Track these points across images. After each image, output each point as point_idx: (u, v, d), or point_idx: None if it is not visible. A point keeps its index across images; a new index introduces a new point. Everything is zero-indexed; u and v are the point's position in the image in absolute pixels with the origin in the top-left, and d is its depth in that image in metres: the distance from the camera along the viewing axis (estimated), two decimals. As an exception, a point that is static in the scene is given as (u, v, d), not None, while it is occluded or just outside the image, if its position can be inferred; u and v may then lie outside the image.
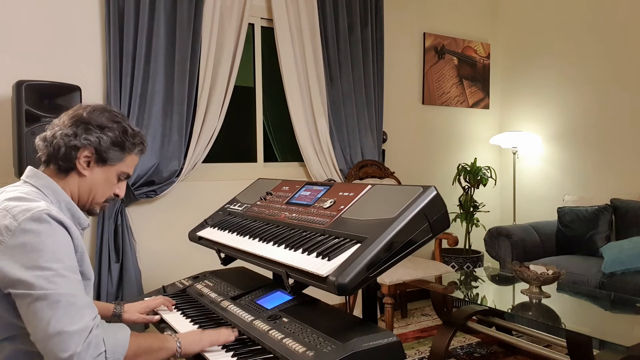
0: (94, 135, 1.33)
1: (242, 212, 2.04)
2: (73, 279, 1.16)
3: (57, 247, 1.16)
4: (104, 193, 1.40)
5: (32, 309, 1.11)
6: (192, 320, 1.66)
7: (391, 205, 1.40)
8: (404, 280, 3.08)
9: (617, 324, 2.33)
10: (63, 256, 1.16)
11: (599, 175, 4.07)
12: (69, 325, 1.10)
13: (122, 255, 2.90)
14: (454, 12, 4.56)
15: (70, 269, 1.17)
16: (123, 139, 1.37)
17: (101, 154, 1.34)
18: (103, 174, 1.37)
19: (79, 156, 1.33)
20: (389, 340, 1.27)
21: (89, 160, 1.34)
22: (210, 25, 3.18)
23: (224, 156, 3.57)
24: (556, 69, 4.36)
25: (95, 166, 1.36)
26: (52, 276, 1.12)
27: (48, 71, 2.79)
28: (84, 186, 1.36)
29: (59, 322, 1.10)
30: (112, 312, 1.69)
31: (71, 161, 1.32)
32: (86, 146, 1.32)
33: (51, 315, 1.10)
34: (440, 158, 4.51)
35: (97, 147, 1.33)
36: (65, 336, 1.09)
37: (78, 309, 1.13)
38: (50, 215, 1.17)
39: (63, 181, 1.34)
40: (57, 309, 1.10)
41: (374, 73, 3.86)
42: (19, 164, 2.39)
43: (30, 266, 1.12)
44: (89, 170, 1.35)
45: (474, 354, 3.07)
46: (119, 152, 1.37)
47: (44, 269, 1.12)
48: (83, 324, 1.12)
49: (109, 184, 1.40)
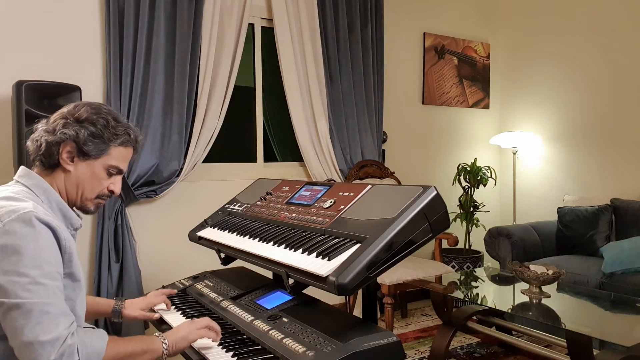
0: (72, 128, 1.31)
1: (242, 212, 2.04)
2: (50, 286, 1.14)
3: (38, 253, 1.14)
4: (92, 188, 1.37)
5: (7, 317, 1.11)
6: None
7: (391, 205, 1.40)
8: (404, 280, 3.08)
9: (617, 324, 2.33)
10: (42, 262, 1.14)
11: (599, 175, 4.07)
12: (41, 335, 1.09)
13: (122, 255, 2.90)
14: (454, 12, 4.56)
15: (48, 276, 1.15)
16: (102, 130, 1.34)
17: (81, 147, 1.32)
18: (88, 168, 1.35)
19: (61, 151, 1.32)
20: (389, 340, 1.27)
21: (72, 156, 1.33)
22: (210, 25, 3.18)
23: (224, 156, 3.57)
24: (556, 69, 4.36)
25: (79, 161, 1.34)
26: (28, 284, 1.11)
27: (48, 71, 2.78)
28: (71, 182, 1.35)
29: (31, 331, 1.09)
30: (112, 308, 1.69)
31: (53, 157, 1.31)
32: (65, 140, 1.31)
33: (24, 325, 1.09)
34: (440, 158, 4.51)
35: (75, 140, 1.31)
36: (37, 346, 1.09)
37: (52, 318, 1.12)
38: (36, 217, 1.16)
39: (50, 178, 1.34)
40: (30, 318, 1.09)
41: (374, 73, 3.86)
42: (19, 164, 2.39)
43: (7, 270, 1.11)
44: (72, 166, 1.34)
45: (474, 354, 3.07)
46: (101, 144, 1.34)
47: (21, 275, 1.11)
48: (56, 334, 1.11)
49: (97, 178, 1.37)
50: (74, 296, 1.27)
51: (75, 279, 1.27)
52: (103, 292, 2.86)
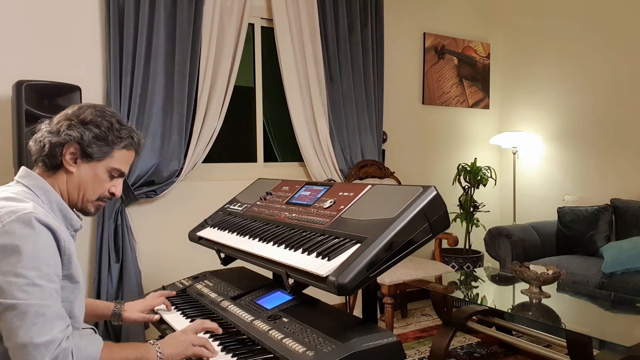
0: (77, 130, 1.32)
1: (242, 212, 2.04)
2: (47, 289, 1.14)
3: (36, 254, 1.14)
4: (94, 190, 1.38)
5: (2, 317, 1.10)
6: (192, 321, 1.65)
7: (391, 205, 1.40)
8: (404, 280, 3.08)
9: (617, 324, 2.33)
10: (41, 264, 1.14)
11: (599, 175, 4.07)
12: (36, 337, 1.09)
13: (122, 255, 2.90)
14: (454, 12, 4.56)
15: (46, 278, 1.14)
16: (106, 133, 1.35)
17: (85, 149, 1.33)
18: (91, 170, 1.35)
19: (65, 153, 1.32)
20: (389, 340, 1.27)
21: (75, 157, 1.33)
22: (210, 25, 3.18)
23: (224, 156, 3.57)
24: (556, 69, 4.36)
25: (82, 162, 1.34)
26: (24, 285, 1.11)
27: (48, 71, 2.78)
28: (72, 183, 1.35)
29: (26, 333, 1.09)
30: (112, 311, 1.68)
31: (56, 158, 1.32)
32: (69, 142, 1.31)
33: (19, 326, 1.09)
34: (440, 158, 4.51)
35: (79, 142, 1.32)
36: (32, 348, 1.08)
37: (48, 320, 1.11)
38: (36, 218, 1.16)
39: (51, 178, 1.34)
40: (25, 320, 1.09)
41: (374, 73, 3.86)
42: (19, 164, 2.39)
43: (5, 271, 1.11)
44: (75, 167, 1.34)
45: (474, 354, 3.07)
46: (105, 147, 1.35)
47: (19, 276, 1.11)
48: (51, 336, 1.10)
49: (99, 180, 1.37)
50: (72, 298, 1.27)
51: (75, 281, 1.27)
52: (103, 292, 2.86)
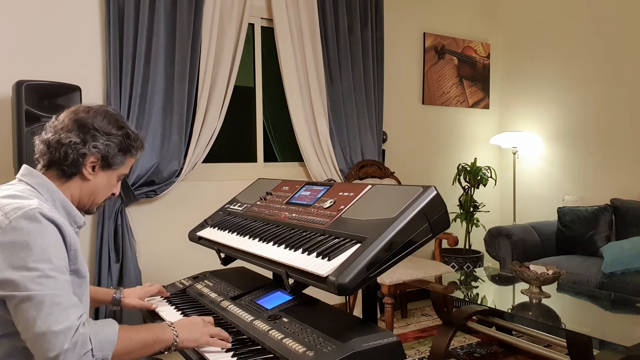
0: (102, 142, 1.35)
1: (242, 212, 2.04)
2: (60, 279, 1.16)
3: (46, 247, 1.16)
4: (104, 195, 1.44)
5: (19, 310, 1.12)
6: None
7: (391, 205, 1.40)
8: (404, 280, 3.08)
9: (617, 324, 2.33)
10: (51, 256, 1.16)
11: (599, 175, 4.07)
12: (53, 325, 1.11)
13: (122, 255, 2.90)
14: (454, 12, 4.56)
15: (58, 270, 1.17)
16: (128, 144, 1.40)
17: (107, 159, 1.37)
18: (106, 177, 1.40)
19: (86, 162, 1.35)
20: (389, 340, 1.27)
21: (94, 165, 1.37)
22: (210, 25, 3.18)
23: (224, 156, 3.57)
24: (556, 69, 4.36)
25: (100, 171, 1.38)
26: (37, 277, 1.13)
27: (48, 71, 2.79)
28: (87, 189, 1.38)
29: (44, 322, 1.10)
30: (112, 298, 1.71)
31: (78, 167, 1.34)
32: (94, 153, 1.35)
33: (36, 316, 1.11)
34: (440, 158, 4.51)
35: (105, 154, 1.36)
36: (50, 336, 1.10)
37: (63, 309, 1.13)
38: (42, 214, 1.18)
39: (64, 185, 1.35)
40: (42, 310, 1.11)
41: (374, 73, 3.86)
42: (19, 163, 2.39)
43: (17, 266, 1.13)
44: (93, 175, 1.37)
45: (474, 354, 3.07)
46: (123, 157, 1.41)
47: (31, 270, 1.13)
48: (68, 323, 1.12)
49: (110, 186, 1.43)
50: (79, 293, 1.28)
51: (81, 276, 1.29)
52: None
